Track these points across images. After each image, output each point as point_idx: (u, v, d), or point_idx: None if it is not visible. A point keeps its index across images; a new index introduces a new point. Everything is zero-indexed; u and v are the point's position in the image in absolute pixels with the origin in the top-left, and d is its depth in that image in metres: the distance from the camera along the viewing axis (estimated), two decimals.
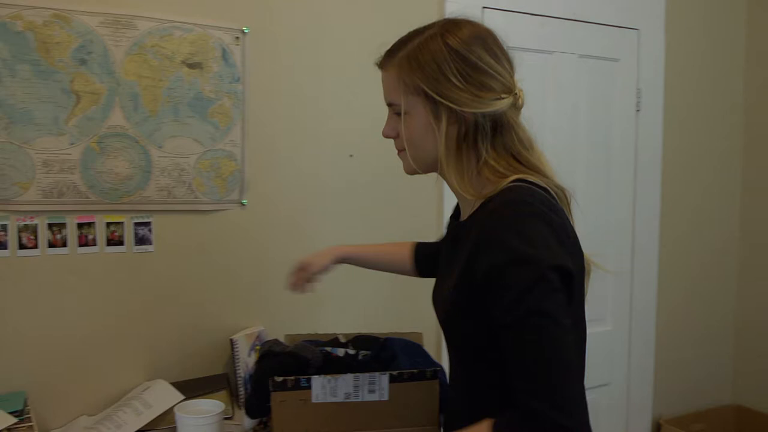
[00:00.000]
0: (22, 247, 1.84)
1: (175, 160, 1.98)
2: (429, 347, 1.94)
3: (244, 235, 2.11)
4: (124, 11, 1.89)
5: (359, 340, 1.87)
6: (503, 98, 1.17)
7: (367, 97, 2.27)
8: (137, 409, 1.82)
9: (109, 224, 1.93)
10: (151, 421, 1.80)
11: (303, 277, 1.69)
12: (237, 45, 2.04)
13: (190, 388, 1.94)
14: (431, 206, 2.41)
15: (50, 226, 1.87)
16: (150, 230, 1.98)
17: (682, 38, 2.89)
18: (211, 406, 1.74)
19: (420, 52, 1.17)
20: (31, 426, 1.67)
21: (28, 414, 1.73)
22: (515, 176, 1.18)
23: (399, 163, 2.29)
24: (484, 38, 1.18)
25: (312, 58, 2.19)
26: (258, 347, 2.02)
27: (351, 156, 2.26)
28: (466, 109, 1.15)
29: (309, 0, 2.17)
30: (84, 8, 1.84)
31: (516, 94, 1.21)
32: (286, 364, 1.64)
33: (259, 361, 1.72)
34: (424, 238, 2.39)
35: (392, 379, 1.59)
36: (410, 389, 1.57)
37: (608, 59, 2.74)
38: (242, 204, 2.09)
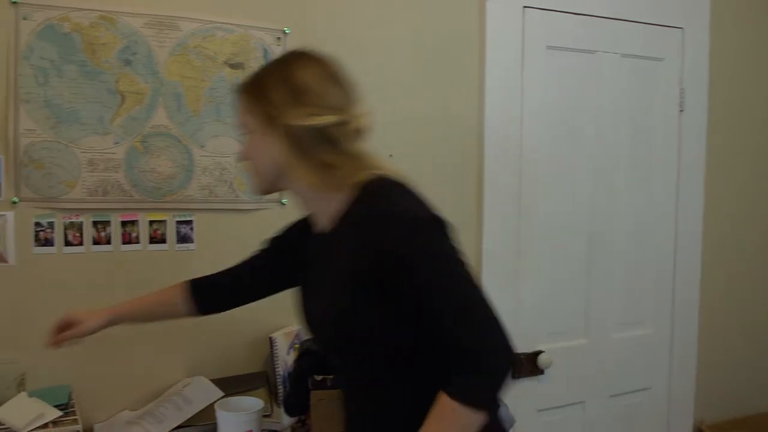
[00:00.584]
0: (67, 244, 1.88)
1: (217, 159, 2.00)
2: None
3: None
4: (168, 12, 1.92)
5: None
6: (328, 116, 1.28)
7: (407, 96, 2.28)
8: (178, 404, 1.85)
9: (152, 222, 1.97)
10: (192, 417, 1.83)
11: (70, 335, 1.59)
12: (278, 45, 2.06)
13: (230, 385, 1.96)
14: (471, 204, 2.41)
15: (95, 223, 1.91)
16: (192, 228, 2.01)
17: (726, 37, 2.83)
18: (251, 403, 1.75)
19: (258, 79, 1.36)
20: (76, 419, 1.71)
21: (72, 407, 1.77)
22: (366, 172, 1.31)
23: (439, 162, 2.31)
24: (314, 66, 1.34)
25: (352, 58, 2.17)
26: (297, 345, 2.03)
27: (390, 156, 2.26)
28: (293, 123, 1.28)
29: (349, 1, 2.18)
30: (129, 10, 1.88)
31: (348, 117, 1.32)
32: (326, 363, 1.65)
33: (299, 360, 1.74)
34: (464, 236, 2.39)
35: None
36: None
37: (651, 58, 2.69)
38: (282, 203, 2.11)
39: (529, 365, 2.51)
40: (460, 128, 2.37)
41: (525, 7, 2.42)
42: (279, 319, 2.11)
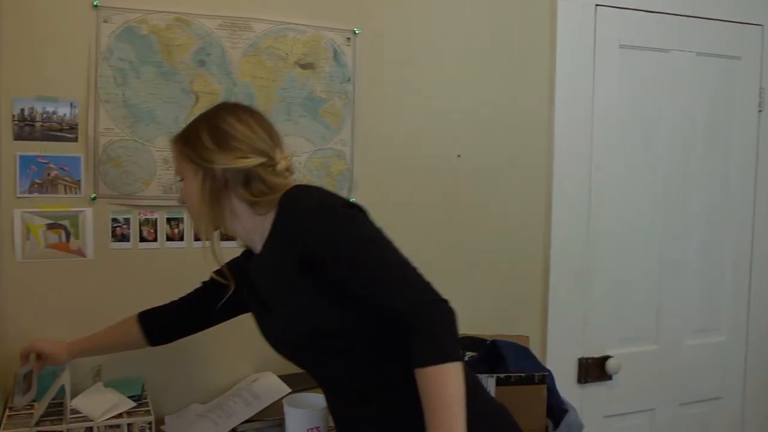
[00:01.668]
0: (142, 239, 1.94)
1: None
2: (534, 351, 1.91)
3: None
4: (242, 14, 1.95)
5: (465, 342, 1.86)
6: (250, 158, 1.39)
7: (475, 97, 2.27)
8: (246, 399, 1.87)
9: None
10: (259, 412, 1.85)
11: (45, 364, 1.75)
12: (348, 45, 2.08)
13: (297, 382, 1.97)
14: (539, 205, 2.38)
15: (168, 220, 1.96)
16: None
17: None
18: (318, 400, 1.76)
19: (189, 129, 1.47)
20: (148, 410, 1.75)
21: (145, 399, 1.81)
22: (282, 190, 1.40)
23: (506, 163, 2.29)
24: (241, 114, 1.44)
25: (421, 59, 2.19)
26: None
27: (459, 156, 2.25)
28: (217, 166, 1.39)
29: (419, 1, 2.18)
30: (204, 11, 1.92)
31: (273, 158, 1.42)
32: None
33: None
34: (530, 236, 2.38)
35: (499, 382, 1.58)
36: (517, 393, 1.55)
37: (729, 57, 2.62)
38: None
39: (597, 370, 2.46)
40: (530, 128, 2.35)
41: (597, 5, 2.38)
42: None
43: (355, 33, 2.08)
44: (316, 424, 1.68)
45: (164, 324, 1.74)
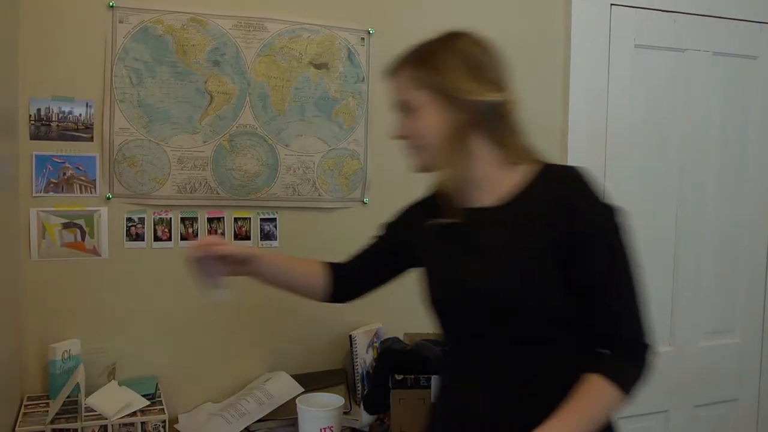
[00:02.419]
0: (157, 239, 1.94)
1: (301, 158, 2.03)
2: None
3: (365, 233, 2.11)
4: (256, 14, 1.96)
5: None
6: (502, 93, 1.30)
7: None
8: (259, 399, 1.88)
9: (237, 219, 2.01)
10: (272, 411, 1.85)
11: (216, 249, 1.43)
12: (362, 46, 2.08)
13: (310, 381, 1.98)
14: None
15: (183, 220, 1.96)
16: (275, 226, 2.04)
17: None
18: (332, 399, 1.77)
19: (428, 53, 1.32)
20: (162, 408, 1.76)
21: (159, 397, 1.82)
22: (540, 155, 1.36)
23: None
24: (483, 44, 1.33)
25: None
26: (376, 344, 2.04)
27: None
28: (468, 98, 1.27)
29: (433, 1, 2.18)
30: (219, 12, 1.92)
31: (512, 96, 1.33)
32: (406, 362, 1.65)
33: (380, 358, 1.74)
34: None
35: None
36: None
37: (745, 56, 2.60)
38: (364, 202, 2.13)
39: None
40: (544, 127, 2.33)
41: (612, 4, 2.37)
42: (358, 318, 2.13)
43: (369, 33, 2.08)
44: (330, 423, 1.68)
45: (351, 281, 1.59)
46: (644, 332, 1.26)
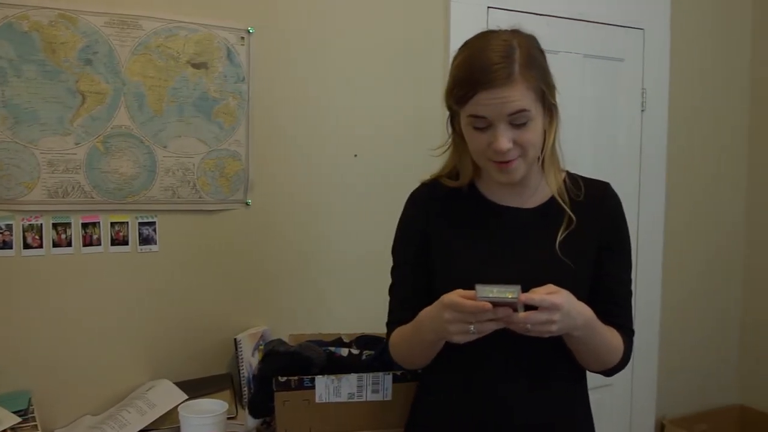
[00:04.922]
0: (26, 246, 1.85)
1: (180, 159, 1.98)
2: None
3: (249, 235, 2.12)
4: (130, 11, 1.89)
5: (363, 340, 1.87)
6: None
7: (371, 97, 2.28)
8: (141, 408, 1.83)
9: (113, 224, 1.94)
10: (155, 421, 1.81)
11: None
12: (242, 45, 2.05)
13: (194, 388, 1.95)
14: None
15: (55, 225, 1.88)
16: (154, 230, 1.99)
17: (687, 38, 2.88)
18: (215, 405, 1.74)
19: (533, 60, 1.25)
20: (35, 425, 1.68)
21: (32, 413, 1.74)
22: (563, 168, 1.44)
23: (402, 163, 2.30)
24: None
25: (317, 59, 2.19)
26: (261, 347, 2.02)
27: (355, 156, 2.26)
28: (555, 102, 1.31)
29: (314, 0, 2.17)
30: (90, 8, 1.85)
31: None
32: (290, 363, 1.64)
33: (263, 361, 1.73)
34: None
35: (396, 379, 1.60)
36: (414, 389, 1.56)
37: (613, 59, 2.73)
38: (247, 204, 2.10)
39: None
40: (429, 127, 2.37)
41: (489, 7, 2.44)
42: (244, 321, 2.11)
43: (249, 32, 2.06)
44: (213, 429, 1.66)
45: None
46: (631, 321, 1.43)
